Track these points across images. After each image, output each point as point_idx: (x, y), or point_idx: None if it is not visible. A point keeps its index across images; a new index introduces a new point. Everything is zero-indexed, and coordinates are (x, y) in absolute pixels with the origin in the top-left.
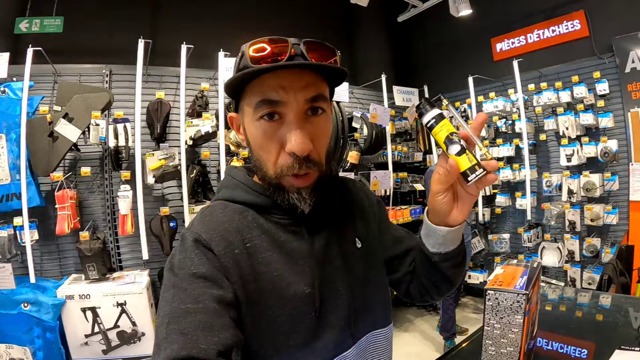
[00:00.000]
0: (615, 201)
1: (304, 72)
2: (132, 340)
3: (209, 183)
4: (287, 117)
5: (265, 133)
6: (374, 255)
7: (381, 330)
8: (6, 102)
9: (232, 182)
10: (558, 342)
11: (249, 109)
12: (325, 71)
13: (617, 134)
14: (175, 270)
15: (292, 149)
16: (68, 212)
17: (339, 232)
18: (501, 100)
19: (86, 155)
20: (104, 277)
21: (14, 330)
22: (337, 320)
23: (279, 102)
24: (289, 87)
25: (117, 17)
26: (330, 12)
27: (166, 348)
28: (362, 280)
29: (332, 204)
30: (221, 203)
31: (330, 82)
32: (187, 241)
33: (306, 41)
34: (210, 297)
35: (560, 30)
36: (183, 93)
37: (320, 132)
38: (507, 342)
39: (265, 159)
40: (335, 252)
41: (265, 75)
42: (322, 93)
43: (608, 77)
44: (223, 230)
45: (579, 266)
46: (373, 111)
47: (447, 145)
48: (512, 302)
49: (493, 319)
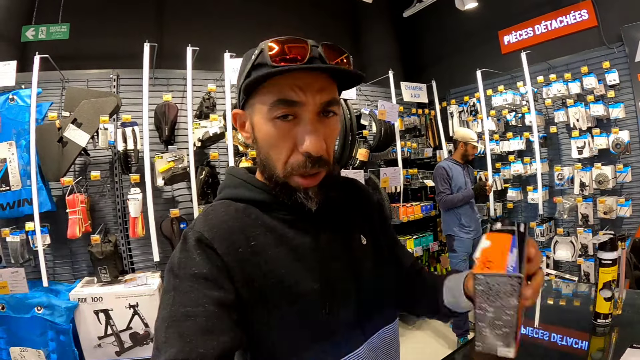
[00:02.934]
0: (628, 193)
1: (320, 75)
2: (144, 342)
3: (218, 184)
4: (303, 118)
5: (279, 133)
6: (380, 251)
7: (389, 326)
8: (15, 110)
9: (234, 181)
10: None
11: (263, 107)
12: (340, 75)
13: (629, 125)
14: (176, 270)
15: (308, 149)
16: (79, 216)
17: (344, 228)
18: (510, 94)
19: (96, 159)
20: (116, 280)
21: (28, 334)
22: (348, 317)
23: (297, 102)
24: (307, 89)
25: (122, 21)
26: (336, 10)
27: (165, 352)
28: (370, 275)
29: (335, 201)
30: (224, 202)
31: (340, 85)
32: (189, 240)
33: (324, 44)
34: (210, 300)
35: (568, 20)
36: (190, 95)
37: (331, 134)
38: (502, 323)
39: (275, 158)
40: (342, 248)
41: (283, 75)
42: (335, 97)
43: (618, 66)
44: (226, 229)
45: (592, 260)
46: (381, 108)
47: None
48: (506, 285)
49: (485, 304)
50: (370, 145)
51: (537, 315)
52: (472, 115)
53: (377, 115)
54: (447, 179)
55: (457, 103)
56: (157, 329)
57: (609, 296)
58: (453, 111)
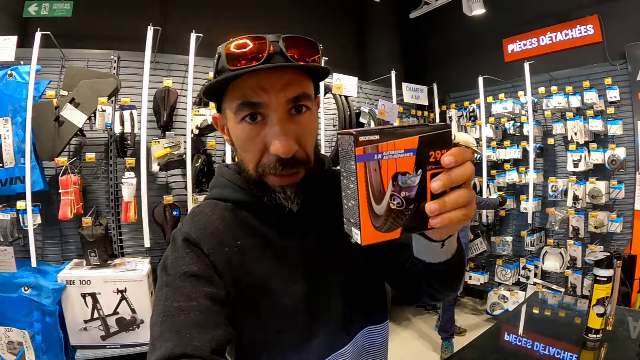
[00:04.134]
0: (620, 209)
1: (285, 71)
2: (130, 327)
3: (213, 173)
4: (270, 119)
5: (247, 135)
6: (368, 251)
7: (377, 326)
8: (13, 86)
9: (221, 181)
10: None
11: (230, 111)
12: (307, 68)
13: (626, 142)
14: (168, 270)
15: (277, 151)
16: (71, 197)
17: (331, 227)
18: (510, 102)
19: (91, 141)
20: (105, 264)
21: (13, 314)
22: (332, 318)
23: (260, 103)
24: (269, 88)
25: (127, 2)
26: (343, 6)
27: (161, 346)
28: (356, 276)
29: (323, 199)
30: (211, 202)
31: (314, 77)
32: (178, 241)
33: (285, 37)
34: (203, 295)
35: (573, 34)
36: (191, 82)
37: (305, 131)
38: (350, 193)
39: (247, 161)
40: (327, 249)
41: (244, 76)
42: (304, 92)
43: (619, 84)
44: (213, 229)
45: (580, 273)
46: (381, 107)
47: None
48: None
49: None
50: None
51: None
52: (471, 121)
53: (376, 114)
54: None
55: (457, 107)
56: (152, 325)
57: (602, 312)
58: (452, 115)
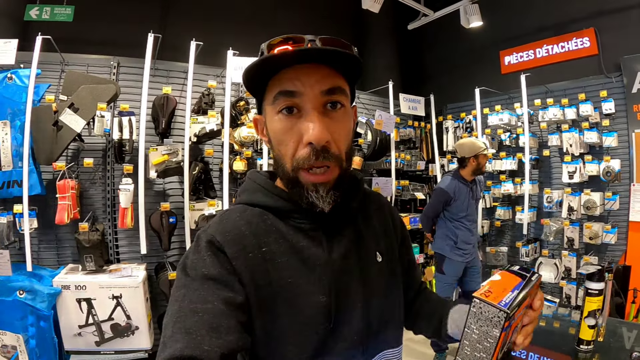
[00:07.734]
0: (614, 221)
1: (321, 66)
2: (125, 334)
3: (210, 181)
4: (305, 109)
5: (284, 127)
6: (393, 272)
7: (393, 350)
8: (12, 89)
9: (252, 185)
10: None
11: (269, 105)
12: (339, 63)
13: (621, 154)
14: (188, 270)
15: (309, 138)
16: (68, 202)
17: (360, 243)
18: (506, 114)
19: (90, 146)
20: (100, 269)
21: (8, 317)
22: (350, 334)
23: (295, 92)
24: (305, 79)
25: (128, 9)
26: (341, 16)
27: (170, 346)
28: (380, 295)
29: (355, 211)
30: (240, 207)
31: (349, 78)
32: (201, 242)
33: (322, 37)
34: (219, 299)
35: (569, 46)
36: (190, 89)
37: (340, 127)
38: (482, 348)
39: (283, 154)
40: (354, 263)
41: (283, 71)
42: (339, 85)
43: (614, 96)
44: (238, 234)
45: (574, 283)
46: (378, 117)
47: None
48: (493, 316)
49: (474, 325)
50: (364, 153)
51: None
52: (467, 132)
53: (373, 124)
54: (444, 203)
55: (453, 119)
56: (165, 325)
57: (593, 324)
58: (449, 126)
